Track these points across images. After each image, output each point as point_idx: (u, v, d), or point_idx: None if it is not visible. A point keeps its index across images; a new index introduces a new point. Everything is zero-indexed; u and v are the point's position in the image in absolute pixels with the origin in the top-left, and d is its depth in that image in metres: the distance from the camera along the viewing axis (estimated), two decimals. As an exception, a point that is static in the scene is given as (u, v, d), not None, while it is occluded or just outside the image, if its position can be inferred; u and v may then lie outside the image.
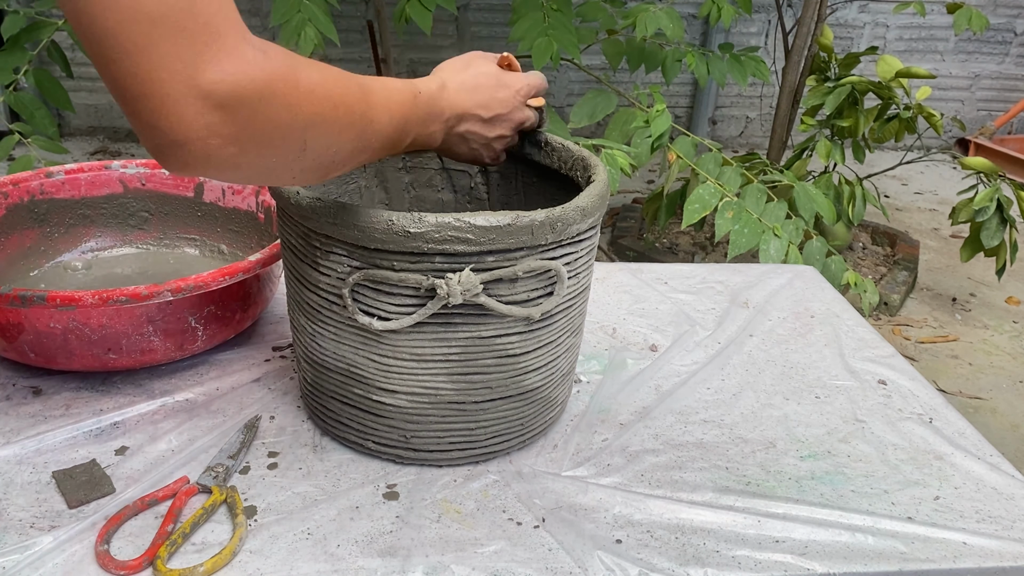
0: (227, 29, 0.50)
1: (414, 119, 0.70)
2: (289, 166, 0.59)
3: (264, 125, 0.54)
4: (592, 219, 0.75)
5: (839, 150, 2.43)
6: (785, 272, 1.25)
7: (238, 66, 0.51)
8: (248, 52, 0.51)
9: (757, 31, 3.79)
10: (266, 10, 3.27)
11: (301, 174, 0.61)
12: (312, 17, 1.89)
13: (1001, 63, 4.05)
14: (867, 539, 0.74)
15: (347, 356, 0.76)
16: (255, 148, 0.54)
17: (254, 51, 0.52)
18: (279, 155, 0.57)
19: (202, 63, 0.49)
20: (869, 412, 0.93)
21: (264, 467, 0.79)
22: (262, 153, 0.55)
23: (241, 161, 0.54)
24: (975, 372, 2.30)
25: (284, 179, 0.61)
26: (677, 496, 0.78)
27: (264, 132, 0.54)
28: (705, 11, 2.43)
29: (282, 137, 0.55)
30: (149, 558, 0.67)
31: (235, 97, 0.51)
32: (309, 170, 0.61)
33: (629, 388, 0.95)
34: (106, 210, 1.09)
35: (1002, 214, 2.26)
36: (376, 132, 0.65)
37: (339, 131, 0.60)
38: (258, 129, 0.53)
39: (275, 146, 0.56)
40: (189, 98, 0.50)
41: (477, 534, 0.72)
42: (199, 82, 0.49)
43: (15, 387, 0.88)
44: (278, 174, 0.59)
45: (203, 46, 0.49)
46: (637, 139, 1.94)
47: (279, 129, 0.55)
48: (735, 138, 4.04)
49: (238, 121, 0.52)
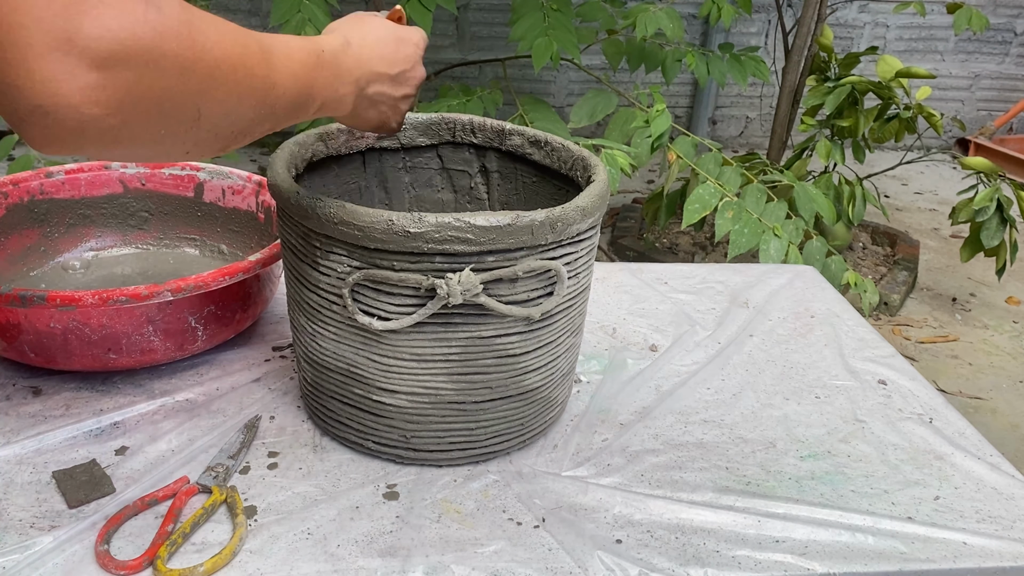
0: None
1: (321, 80, 0.63)
2: (181, 138, 0.51)
3: (152, 90, 0.46)
4: (592, 219, 0.75)
5: (839, 150, 2.43)
6: (785, 272, 1.25)
7: (123, 20, 0.43)
8: (138, 6, 0.44)
9: (757, 31, 3.79)
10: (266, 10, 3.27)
11: (195, 147, 0.53)
12: (312, 17, 1.90)
13: (1001, 63, 4.05)
14: (867, 539, 0.74)
15: (347, 356, 0.76)
16: (141, 118, 0.46)
17: (145, 4, 0.45)
18: (168, 126, 0.49)
19: (78, 15, 0.42)
20: (869, 412, 0.93)
21: (264, 467, 0.79)
22: (149, 124, 0.48)
23: (123, 134, 0.46)
24: (975, 372, 2.30)
25: (173, 154, 0.53)
26: (677, 496, 0.78)
27: (152, 98, 0.46)
28: (705, 11, 2.43)
29: (173, 104, 0.48)
30: (149, 558, 0.67)
31: (115, 56, 0.43)
32: (204, 142, 0.53)
33: (629, 388, 0.95)
34: (106, 210, 1.09)
35: (1002, 214, 2.26)
36: (279, 96, 0.58)
37: (238, 97, 0.53)
38: (145, 95, 0.46)
39: (164, 115, 0.48)
40: (58, 53, 0.42)
41: (477, 534, 0.72)
42: (74, 37, 0.42)
43: (15, 387, 0.88)
44: (166, 148, 0.51)
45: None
46: (637, 139, 1.94)
47: (169, 95, 0.47)
48: (735, 138, 4.04)
49: (118, 85, 0.44)
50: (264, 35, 0.57)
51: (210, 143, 0.54)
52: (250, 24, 0.54)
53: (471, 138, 0.93)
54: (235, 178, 1.09)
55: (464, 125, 0.93)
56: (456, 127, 0.93)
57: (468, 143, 0.94)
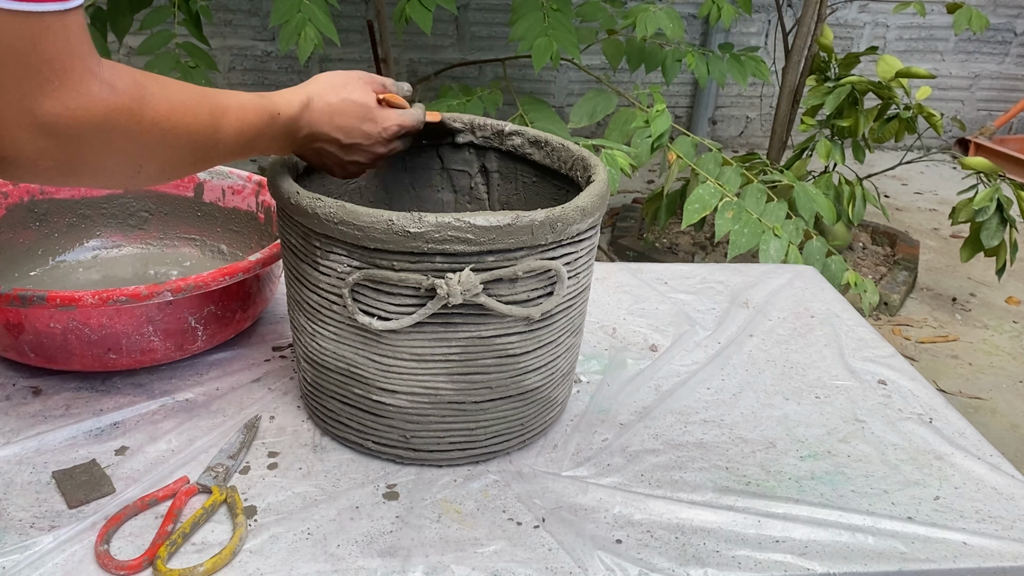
0: (72, 65, 0.52)
1: (266, 137, 0.72)
2: (120, 183, 0.63)
3: (98, 154, 0.56)
4: (592, 219, 0.75)
5: (839, 150, 2.43)
6: (785, 272, 1.25)
7: (78, 101, 0.53)
8: (93, 87, 0.54)
9: (757, 31, 3.79)
10: (266, 10, 3.27)
11: (133, 185, 0.64)
12: (312, 17, 1.89)
13: (1001, 63, 4.05)
14: (867, 539, 0.74)
15: (347, 356, 0.76)
16: (86, 171, 0.57)
17: (100, 85, 0.54)
18: (110, 176, 0.60)
19: (40, 95, 0.52)
20: (869, 412, 0.93)
21: (264, 467, 0.79)
22: (93, 175, 0.59)
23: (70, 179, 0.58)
24: (975, 372, 2.30)
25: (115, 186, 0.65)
26: (677, 496, 0.78)
27: (96, 159, 0.57)
28: (705, 11, 2.43)
29: (116, 163, 0.58)
30: (149, 558, 0.67)
31: (69, 128, 0.53)
32: (142, 183, 0.64)
33: (629, 388, 0.95)
34: (106, 210, 1.09)
35: (1002, 214, 2.26)
36: (221, 150, 0.67)
37: (179, 156, 0.63)
38: (90, 157, 0.56)
39: (106, 170, 0.59)
40: (23, 124, 0.52)
41: (477, 534, 0.72)
42: (35, 112, 0.52)
43: (15, 387, 0.88)
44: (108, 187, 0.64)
45: (43, 80, 0.52)
46: (637, 139, 1.94)
47: (113, 157, 0.58)
48: (735, 138, 4.04)
49: (70, 149, 0.54)
50: (223, 95, 0.66)
51: (147, 182, 0.65)
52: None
53: (471, 138, 0.93)
54: (235, 178, 1.09)
55: (464, 125, 0.93)
56: (456, 127, 0.93)
57: (468, 143, 0.94)
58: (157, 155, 0.61)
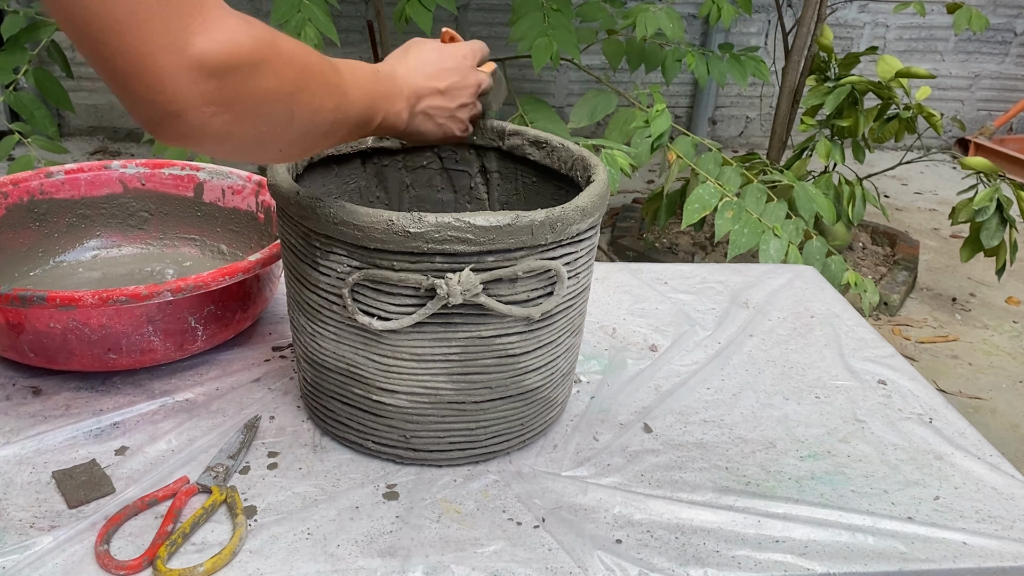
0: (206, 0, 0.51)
1: (380, 94, 0.72)
2: (278, 136, 0.60)
3: (255, 92, 0.55)
4: (592, 219, 0.75)
5: (839, 150, 2.43)
6: (785, 272, 1.25)
7: (226, 34, 0.52)
8: (231, 20, 0.52)
9: (757, 31, 3.79)
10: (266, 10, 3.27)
11: (289, 146, 0.62)
12: (312, 17, 1.89)
13: (1001, 63, 4.05)
14: (867, 539, 0.74)
15: (347, 356, 0.76)
16: (248, 116, 0.55)
17: (237, 19, 0.53)
18: (269, 124, 0.58)
19: (190, 34, 0.50)
20: (869, 412, 0.93)
21: (264, 467, 0.79)
22: (254, 122, 0.56)
23: (234, 130, 0.55)
24: (975, 372, 2.30)
25: (271, 152, 0.62)
26: (677, 496, 0.78)
27: (255, 99, 0.55)
28: (705, 11, 2.43)
29: (271, 104, 0.57)
30: (149, 558, 0.67)
31: (227, 65, 0.52)
32: (296, 142, 0.63)
33: (629, 388, 0.95)
34: (106, 210, 1.09)
35: (1002, 214, 2.26)
36: (351, 104, 0.66)
37: (320, 100, 0.62)
38: (250, 96, 0.54)
39: (265, 114, 0.57)
40: (182, 69, 0.50)
41: (477, 534, 0.72)
42: (191, 53, 0.50)
43: (15, 387, 0.88)
44: (266, 146, 0.61)
45: (188, 18, 0.50)
46: (637, 139, 1.94)
47: (268, 96, 0.56)
48: (735, 138, 4.04)
49: (231, 89, 0.53)
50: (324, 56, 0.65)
51: (300, 143, 0.63)
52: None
53: (471, 138, 0.93)
54: (235, 178, 1.09)
55: (464, 125, 0.93)
56: None
57: (468, 143, 0.94)
58: (302, 96, 0.59)
